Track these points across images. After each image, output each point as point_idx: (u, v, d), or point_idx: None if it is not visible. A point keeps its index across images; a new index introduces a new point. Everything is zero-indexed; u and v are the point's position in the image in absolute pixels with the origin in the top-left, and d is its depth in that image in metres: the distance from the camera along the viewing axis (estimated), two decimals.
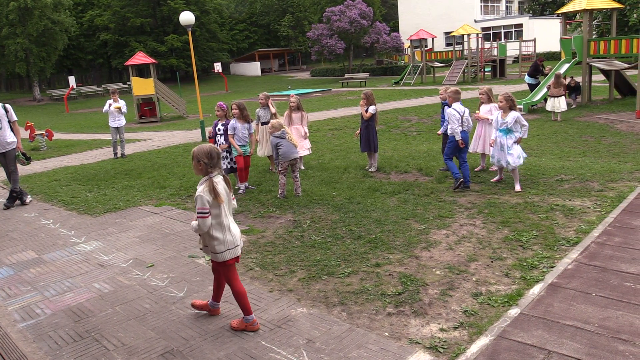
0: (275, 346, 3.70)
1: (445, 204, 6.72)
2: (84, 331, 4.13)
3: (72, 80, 32.03)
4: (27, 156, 8.79)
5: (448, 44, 44.35)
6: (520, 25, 44.37)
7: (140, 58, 21.60)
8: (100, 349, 3.84)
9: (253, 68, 52.81)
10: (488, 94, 7.99)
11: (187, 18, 13.64)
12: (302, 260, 5.20)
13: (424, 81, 29.71)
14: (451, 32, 31.44)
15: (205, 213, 3.69)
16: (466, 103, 8.51)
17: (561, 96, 13.55)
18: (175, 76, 41.54)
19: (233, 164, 8.02)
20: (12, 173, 8.28)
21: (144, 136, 16.58)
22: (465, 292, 4.30)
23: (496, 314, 3.91)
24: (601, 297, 4.03)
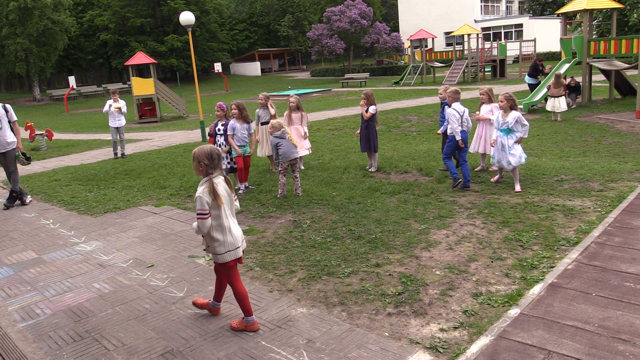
0: (275, 346, 3.70)
1: (445, 204, 6.72)
2: (84, 331, 4.13)
3: (72, 80, 32.04)
4: (27, 156, 8.80)
5: (448, 44, 44.37)
6: (520, 25, 44.37)
7: (140, 58, 21.60)
8: (100, 349, 3.84)
9: (253, 68, 52.81)
10: (489, 94, 7.99)
11: (187, 18, 13.65)
12: (302, 260, 5.20)
13: (424, 81, 29.70)
14: (451, 32, 31.45)
15: (204, 214, 3.69)
16: (466, 103, 8.51)
17: (561, 96, 13.56)
18: (175, 76, 41.55)
19: (233, 164, 8.02)
20: (12, 173, 8.28)
21: (144, 136, 16.58)
22: (465, 292, 4.30)
23: (496, 314, 3.91)
24: (601, 297, 4.03)
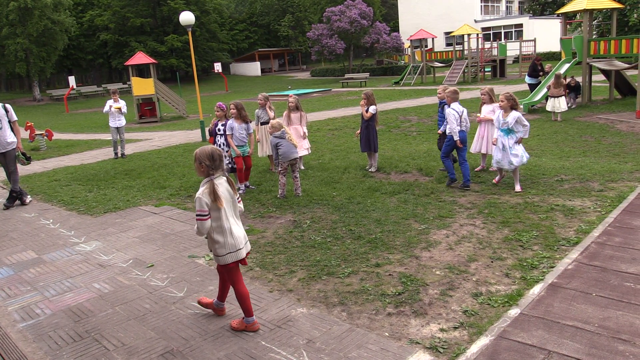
0: (275, 346, 3.70)
1: (445, 204, 6.72)
2: (84, 331, 4.13)
3: (72, 80, 32.03)
4: (27, 156, 8.80)
5: (448, 44, 44.36)
6: (520, 25, 44.38)
7: (140, 58, 21.60)
8: (100, 349, 3.84)
9: (253, 68, 52.82)
10: (490, 94, 7.99)
11: (187, 18, 13.64)
12: (302, 260, 5.20)
13: (424, 81, 29.70)
14: (451, 32, 31.44)
15: (203, 215, 3.67)
16: (466, 103, 8.51)
17: (561, 96, 13.57)
18: (175, 76, 41.54)
19: (233, 164, 8.01)
20: (12, 173, 8.28)
21: (144, 136, 16.58)
22: (465, 292, 4.29)
23: (496, 314, 3.90)
24: (601, 297, 4.03)
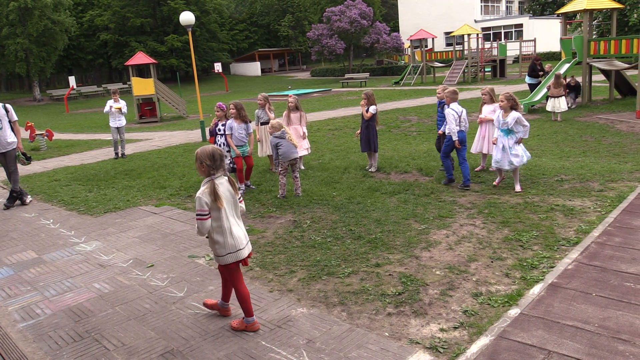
0: (275, 346, 3.70)
1: (445, 204, 6.72)
2: (84, 331, 4.13)
3: (72, 80, 32.03)
4: (28, 156, 8.80)
5: (448, 44, 44.37)
6: (520, 25, 44.38)
7: (140, 58, 21.60)
8: (100, 349, 3.84)
9: (253, 68, 52.82)
10: (491, 94, 7.99)
11: (187, 18, 13.65)
12: (302, 260, 5.20)
13: (424, 81, 29.70)
14: (451, 32, 31.44)
15: (203, 215, 3.67)
16: (466, 103, 8.51)
17: (561, 96, 13.57)
18: (175, 76, 41.56)
19: (233, 164, 8.00)
20: (13, 173, 8.28)
21: (144, 136, 16.58)
22: (465, 292, 4.30)
23: (496, 314, 3.91)
24: (601, 297, 4.03)
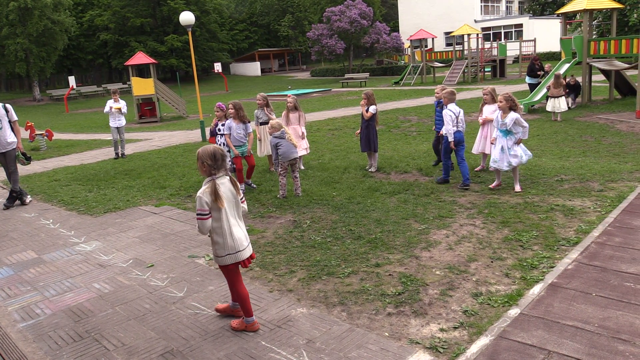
0: (275, 346, 3.70)
1: (445, 204, 6.72)
2: (84, 331, 4.13)
3: (72, 80, 32.04)
4: (27, 156, 8.79)
5: (448, 44, 44.37)
6: (520, 25, 44.38)
7: (140, 58, 21.60)
8: (100, 349, 3.84)
9: (253, 68, 52.81)
10: (492, 94, 7.99)
11: (187, 18, 13.65)
12: (302, 260, 5.20)
13: (424, 81, 29.70)
14: (451, 32, 31.45)
15: (204, 215, 3.67)
16: (466, 103, 8.51)
17: (561, 96, 13.58)
18: (175, 76, 41.55)
19: (233, 164, 8.00)
20: (12, 173, 8.28)
21: (144, 136, 16.58)
22: (465, 292, 4.30)
23: (496, 314, 3.91)
24: (601, 297, 4.03)
